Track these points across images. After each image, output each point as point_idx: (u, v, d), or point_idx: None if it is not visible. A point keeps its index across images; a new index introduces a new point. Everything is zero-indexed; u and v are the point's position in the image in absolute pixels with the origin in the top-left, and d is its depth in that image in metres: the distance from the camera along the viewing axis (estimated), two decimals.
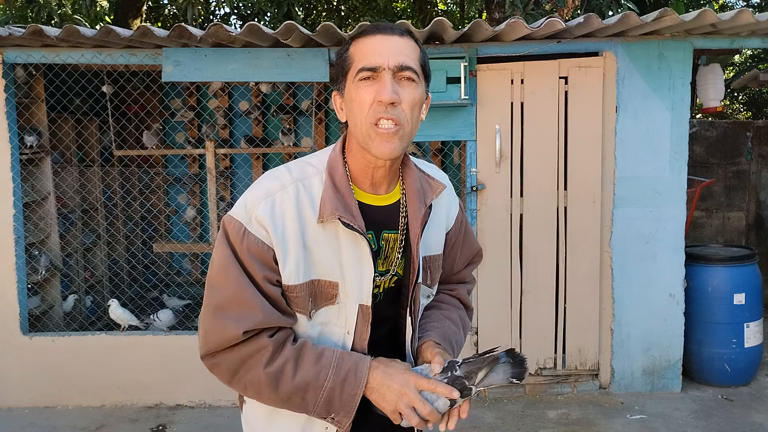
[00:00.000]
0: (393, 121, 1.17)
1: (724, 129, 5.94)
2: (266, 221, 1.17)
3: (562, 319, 4.00)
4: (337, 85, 1.25)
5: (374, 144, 1.18)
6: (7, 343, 3.94)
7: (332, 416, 1.20)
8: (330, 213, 1.19)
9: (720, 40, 3.80)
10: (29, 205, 4.27)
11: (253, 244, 1.17)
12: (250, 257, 1.17)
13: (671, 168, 3.88)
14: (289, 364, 1.18)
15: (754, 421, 3.63)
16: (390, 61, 1.16)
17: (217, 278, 1.20)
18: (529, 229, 3.95)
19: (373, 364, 1.21)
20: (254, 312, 1.17)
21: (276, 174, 1.24)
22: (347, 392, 1.18)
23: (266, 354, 1.17)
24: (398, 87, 1.17)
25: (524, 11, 5.73)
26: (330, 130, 5.62)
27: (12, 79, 3.88)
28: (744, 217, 6.00)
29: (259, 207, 1.18)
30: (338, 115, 1.27)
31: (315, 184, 1.23)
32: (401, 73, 1.17)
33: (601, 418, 3.68)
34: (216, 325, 1.18)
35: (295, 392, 1.18)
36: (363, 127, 1.18)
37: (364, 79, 1.17)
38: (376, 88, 1.16)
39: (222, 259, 1.19)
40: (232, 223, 1.19)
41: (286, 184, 1.21)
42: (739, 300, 4.00)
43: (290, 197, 1.20)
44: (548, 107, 3.86)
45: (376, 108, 1.16)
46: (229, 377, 1.21)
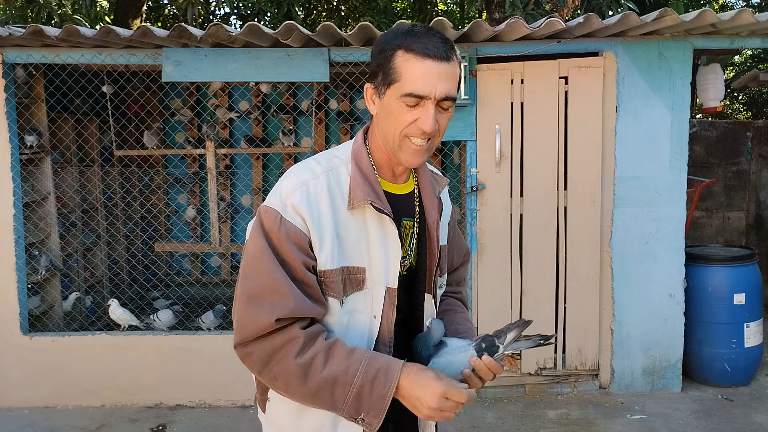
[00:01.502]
0: (426, 139, 1.24)
1: (724, 129, 5.94)
2: (302, 209, 1.21)
3: (562, 319, 4.00)
4: (374, 81, 1.26)
5: (404, 154, 1.26)
6: (7, 343, 3.94)
7: (362, 416, 1.19)
8: (361, 199, 1.24)
9: (720, 40, 3.80)
10: (29, 205, 4.27)
11: (291, 231, 1.20)
12: (288, 243, 1.20)
13: (671, 168, 3.88)
14: (320, 356, 1.18)
15: (754, 421, 3.63)
16: (437, 92, 1.19)
17: (251, 267, 1.22)
18: (529, 229, 3.95)
19: (404, 370, 1.21)
20: (287, 300, 1.18)
21: (306, 165, 1.29)
22: (377, 392, 1.18)
23: (298, 344, 1.18)
24: (438, 114, 1.22)
25: (524, 11, 5.73)
26: (330, 130, 5.62)
27: (12, 79, 3.88)
28: (744, 217, 6.00)
29: (295, 195, 1.22)
30: (369, 106, 1.30)
31: (342, 174, 1.28)
32: (443, 102, 1.22)
33: (601, 418, 3.68)
34: (250, 313, 1.20)
35: (323, 386, 1.18)
36: (396, 138, 1.24)
37: (408, 103, 1.21)
38: (418, 114, 1.21)
39: (257, 249, 1.21)
40: (268, 212, 1.22)
41: (318, 174, 1.26)
42: (739, 300, 4.00)
43: (323, 186, 1.24)
44: (548, 107, 3.86)
45: (414, 129, 1.22)
46: (260, 367, 1.21)
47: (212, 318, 4.17)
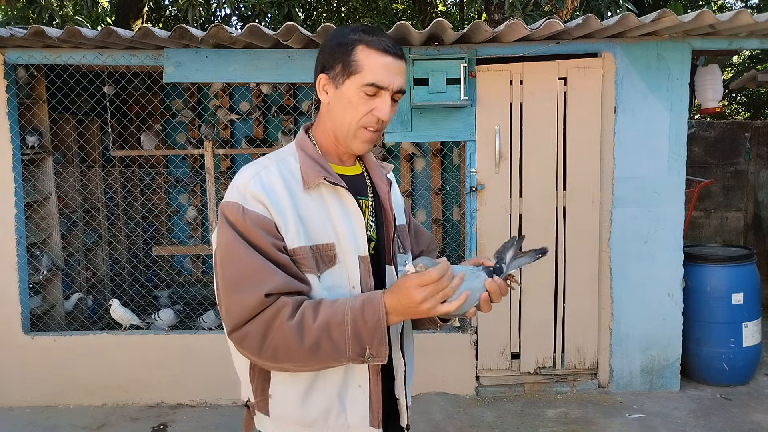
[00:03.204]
0: (378, 129, 1.35)
1: (722, 129, 5.96)
2: (261, 195, 1.25)
3: (561, 318, 4.02)
4: (330, 72, 1.33)
5: (356, 143, 1.35)
6: (9, 343, 3.95)
7: (368, 352, 1.22)
8: (314, 177, 1.31)
9: (718, 41, 3.82)
10: (31, 206, 4.29)
11: (255, 218, 1.24)
12: (255, 229, 1.23)
13: (670, 168, 3.90)
14: (308, 311, 1.22)
15: (752, 420, 3.65)
16: (394, 85, 1.31)
17: (226, 258, 1.24)
18: (529, 229, 3.96)
19: (385, 292, 1.26)
20: (271, 277, 1.22)
21: (255, 162, 1.36)
22: (371, 319, 1.21)
23: (287, 309, 1.21)
24: (391, 104, 1.33)
25: (523, 12, 5.75)
26: None
27: (14, 80, 3.90)
28: (742, 217, 6.02)
29: (251, 184, 1.27)
30: (320, 95, 1.36)
31: (291, 163, 1.35)
32: (396, 95, 1.34)
33: (599, 417, 3.70)
34: (236, 298, 1.22)
35: (320, 335, 1.20)
36: (351, 127, 1.33)
37: (369, 92, 1.30)
38: (376, 104, 1.31)
39: (227, 241, 1.24)
40: (230, 205, 1.26)
41: (268, 165, 1.33)
42: (738, 300, 4.02)
43: (275, 174, 1.30)
44: (547, 108, 3.88)
45: (370, 118, 1.32)
46: (258, 344, 1.22)
47: (213, 317, 4.19)
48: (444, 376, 4.02)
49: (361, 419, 1.33)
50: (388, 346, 1.24)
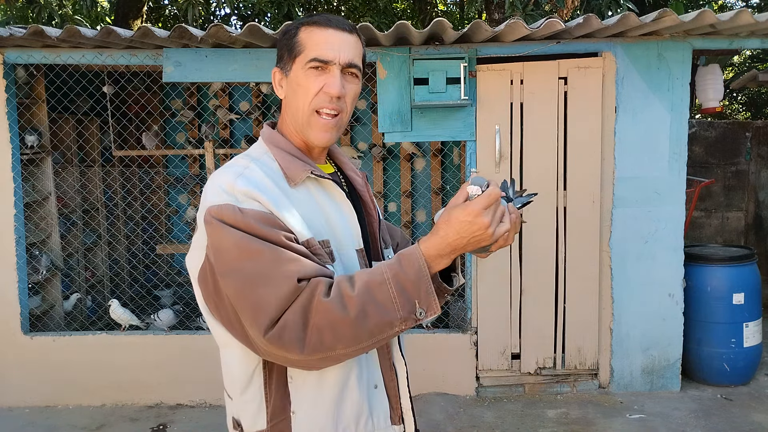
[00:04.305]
0: (335, 111, 1.25)
1: (723, 129, 5.95)
2: (254, 192, 1.15)
3: (562, 318, 4.01)
4: (281, 64, 1.29)
5: (313, 131, 1.26)
6: (8, 343, 3.95)
7: (418, 305, 1.11)
8: (300, 172, 1.23)
9: (719, 41, 3.81)
10: (30, 205, 4.28)
11: (255, 215, 1.13)
12: (261, 225, 1.12)
13: (670, 168, 3.89)
14: (344, 283, 1.11)
15: (753, 420, 3.64)
16: (341, 57, 1.23)
17: (240, 257, 1.11)
18: (529, 229, 3.96)
19: (419, 241, 1.17)
20: (298, 263, 1.11)
21: (229, 164, 1.25)
22: (412, 272, 1.11)
23: (322, 287, 1.10)
24: (344, 81, 1.24)
25: (524, 12, 5.74)
26: None
27: (13, 80, 3.89)
28: (743, 217, 6.01)
29: (238, 183, 1.15)
30: (276, 91, 1.31)
31: (268, 161, 1.25)
32: (348, 69, 1.25)
33: (600, 418, 3.69)
34: (265, 292, 1.09)
35: (365, 301, 1.09)
36: (305, 113, 1.25)
37: (314, 68, 1.23)
38: (325, 80, 1.23)
39: (234, 241, 1.11)
40: (222, 209, 1.13)
41: (247, 164, 1.22)
42: (738, 300, 4.01)
43: (258, 171, 1.20)
44: (548, 108, 3.87)
45: (322, 97, 1.23)
46: (301, 333, 1.08)
47: None
48: (444, 377, 4.01)
49: (384, 419, 1.28)
50: (436, 297, 1.13)
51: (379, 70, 3.81)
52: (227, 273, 1.12)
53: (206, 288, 1.19)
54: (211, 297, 1.18)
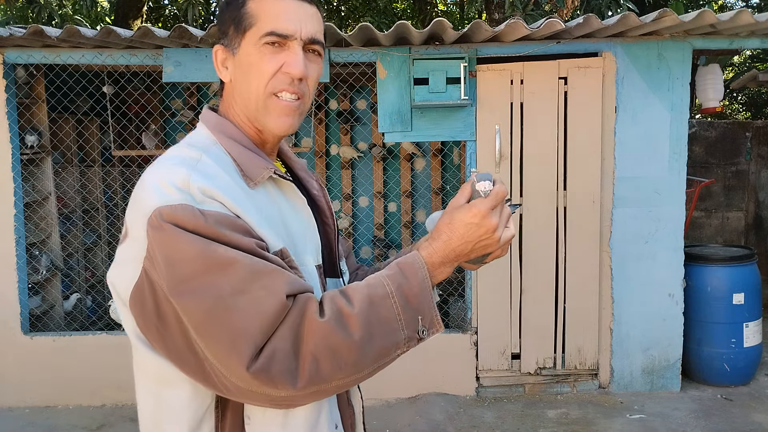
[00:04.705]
0: (297, 95, 1.05)
1: (723, 129, 5.95)
2: (213, 191, 0.93)
3: (562, 318, 4.01)
4: (224, 41, 1.07)
5: (272, 117, 1.05)
6: (8, 343, 3.95)
7: (420, 323, 0.96)
8: (261, 170, 1.02)
9: (719, 41, 3.81)
10: (30, 205, 4.28)
11: (219, 218, 0.91)
12: (228, 232, 0.90)
13: (670, 168, 3.89)
14: (338, 299, 0.93)
15: (753, 420, 3.64)
16: (303, 32, 1.03)
17: (210, 269, 0.88)
18: (529, 229, 3.96)
19: (418, 246, 1.04)
20: (283, 275, 0.91)
21: (173, 156, 1.01)
22: (416, 283, 0.96)
23: (314, 305, 0.91)
24: (306, 60, 1.04)
25: (524, 12, 5.74)
26: (330, 131, 5.63)
27: (13, 80, 3.89)
28: (743, 217, 6.01)
29: (194, 179, 0.92)
30: (219, 73, 1.09)
31: (218, 153, 1.02)
32: (311, 45, 1.05)
33: (600, 418, 3.69)
34: (246, 312, 0.87)
35: (369, 320, 0.91)
36: (259, 97, 1.03)
37: (270, 44, 1.02)
38: (284, 58, 1.02)
39: (199, 250, 0.88)
40: (176, 211, 0.89)
41: (197, 156, 0.99)
42: (739, 300, 4.01)
43: (213, 165, 0.98)
44: (548, 107, 3.87)
45: (281, 79, 1.03)
46: (292, 362, 0.88)
47: None
48: (444, 377, 4.01)
49: None
50: (438, 312, 0.99)
51: (379, 70, 3.81)
52: (188, 291, 0.88)
53: (144, 313, 0.94)
54: (151, 324, 0.94)
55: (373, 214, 5.58)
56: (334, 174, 5.63)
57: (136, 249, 0.94)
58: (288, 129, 1.06)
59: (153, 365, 0.99)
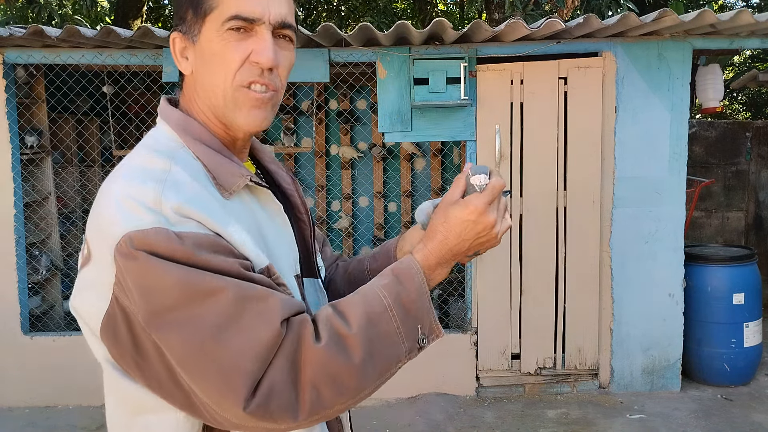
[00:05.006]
0: (268, 87, 0.94)
1: (723, 129, 5.95)
2: (188, 209, 0.83)
3: (562, 318, 4.01)
4: (182, 27, 0.95)
5: (242, 112, 0.94)
6: (8, 343, 3.94)
7: (421, 330, 0.90)
8: (236, 178, 0.92)
9: (719, 41, 3.81)
10: (30, 205, 4.28)
11: (198, 240, 0.81)
12: (211, 255, 0.82)
13: (670, 168, 3.89)
14: (333, 319, 0.87)
15: (753, 420, 3.64)
16: (272, 14, 0.92)
17: (192, 299, 0.80)
18: (529, 229, 3.96)
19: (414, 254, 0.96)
20: (273, 299, 0.83)
21: (138, 165, 0.89)
22: (414, 289, 0.91)
23: (308, 329, 0.84)
24: (276, 47, 0.94)
25: (524, 12, 5.74)
26: (330, 131, 5.63)
27: (13, 80, 3.89)
28: (743, 217, 6.01)
29: (166, 196, 0.82)
30: (178, 64, 0.97)
31: (186, 158, 0.91)
32: (282, 30, 0.94)
33: (600, 418, 3.69)
34: (238, 344, 0.80)
35: (369, 338, 0.85)
36: (226, 90, 0.92)
37: (235, 30, 0.91)
38: (251, 46, 0.91)
39: (178, 278, 0.79)
40: (149, 237, 0.79)
41: (168, 166, 0.87)
42: (739, 300, 4.01)
43: (185, 176, 0.87)
44: (548, 107, 3.87)
45: (250, 69, 0.92)
46: (293, 394, 0.82)
47: None
48: (444, 377, 4.01)
49: None
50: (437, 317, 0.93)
51: (379, 70, 3.81)
52: (168, 324, 0.80)
53: (117, 343, 0.85)
54: (127, 355, 0.85)
55: (373, 214, 5.58)
56: (334, 174, 5.63)
57: (103, 273, 0.84)
58: (260, 124, 0.95)
59: (130, 392, 0.88)
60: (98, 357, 0.91)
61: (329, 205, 5.61)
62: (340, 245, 5.55)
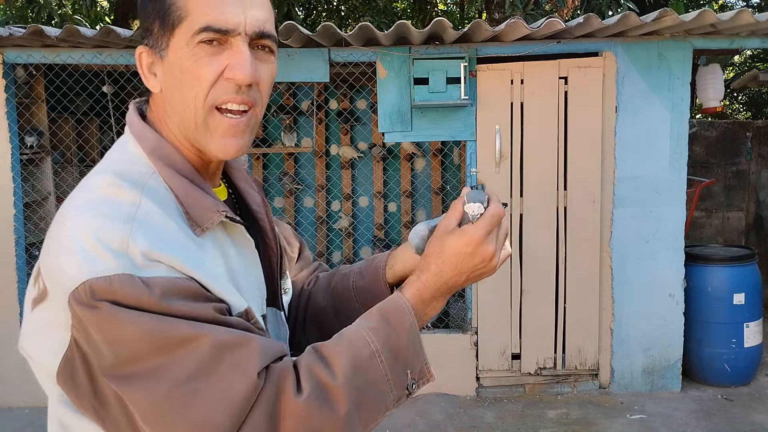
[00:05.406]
0: (247, 105, 0.84)
1: (723, 129, 5.94)
2: (157, 251, 0.74)
3: (562, 318, 4.01)
4: (149, 40, 0.85)
5: (214, 139, 0.84)
6: (8, 343, 3.93)
7: (409, 377, 0.84)
8: (210, 214, 0.83)
9: (720, 41, 3.81)
10: (30, 205, 4.28)
11: (167, 286, 0.74)
12: (182, 302, 0.74)
13: (671, 168, 3.89)
14: (315, 367, 0.79)
15: (753, 420, 3.64)
16: (248, 24, 0.82)
17: (161, 352, 0.72)
18: (529, 229, 3.95)
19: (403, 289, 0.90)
20: (250, 346, 0.76)
21: (97, 196, 0.78)
22: (404, 331, 0.84)
23: (290, 379, 0.77)
24: (255, 60, 0.84)
25: (524, 11, 5.74)
26: (330, 130, 5.63)
27: (12, 79, 3.89)
28: (744, 217, 6.01)
29: (133, 238, 0.73)
30: (146, 81, 0.87)
31: (159, 191, 0.82)
32: (260, 41, 0.84)
33: (600, 418, 3.69)
34: (210, 400, 0.73)
35: (357, 389, 0.79)
36: (198, 112, 0.83)
37: (207, 42, 0.81)
38: (226, 60, 0.81)
39: (146, 330, 0.72)
40: (113, 285, 0.72)
41: (136, 199, 0.78)
42: (739, 300, 4.01)
43: (155, 211, 0.78)
44: (548, 107, 3.87)
45: (224, 87, 0.82)
46: None
47: None
48: (444, 377, 4.00)
49: None
50: (428, 359, 0.87)
51: (379, 70, 3.81)
52: (133, 376, 0.73)
53: (76, 389, 0.78)
54: (84, 400, 0.78)
55: (373, 214, 5.58)
56: (334, 174, 5.62)
57: (58, 314, 0.76)
58: (235, 152, 0.86)
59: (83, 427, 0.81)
60: (49, 395, 0.84)
61: (329, 205, 5.61)
62: (340, 245, 5.55)
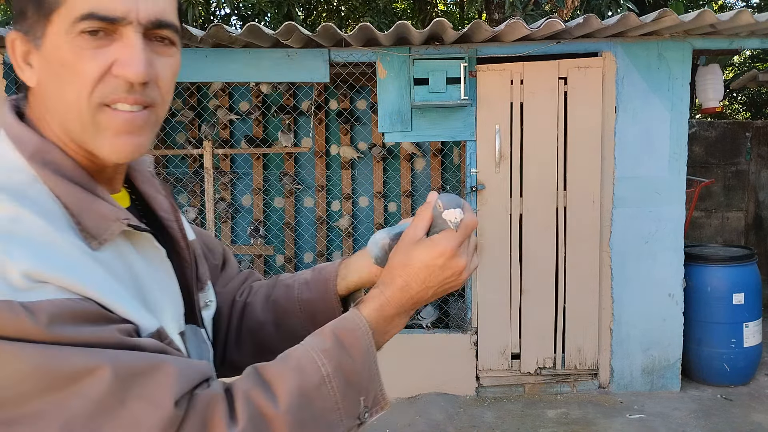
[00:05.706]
0: (141, 106, 0.72)
1: (723, 129, 5.95)
2: (41, 271, 0.62)
3: (562, 318, 4.01)
4: (23, 26, 0.71)
5: (107, 137, 0.71)
6: None
7: (362, 404, 0.78)
8: (108, 223, 0.71)
9: (719, 41, 3.81)
10: None
11: (57, 312, 0.61)
12: (74, 329, 0.62)
13: (670, 168, 3.89)
14: (255, 393, 0.69)
15: (753, 420, 3.64)
16: (141, 11, 0.69)
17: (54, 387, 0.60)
18: (529, 229, 3.96)
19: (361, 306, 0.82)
20: (164, 370, 0.64)
21: None
22: (359, 355, 0.76)
23: (219, 409, 0.66)
24: (151, 54, 0.72)
25: (524, 12, 5.74)
26: (330, 131, 5.63)
27: (13, 80, 3.89)
28: (743, 217, 6.01)
29: (11, 257, 0.61)
30: (21, 73, 0.74)
31: (41, 200, 0.68)
32: (158, 31, 0.72)
33: (600, 418, 3.69)
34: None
35: (301, 420, 0.70)
36: (82, 111, 0.70)
37: (91, 33, 0.68)
38: (114, 54, 0.69)
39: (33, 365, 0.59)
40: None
41: (12, 212, 0.64)
42: (738, 300, 4.01)
43: (36, 223, 0.65)
44: (548, 107, 3.87)
45: (112, 84, 0.69)
46: None
47: None
48: (444, 377, 4.01)
49: None
50: (383, 385, 0.80)
51: (379, 70, 3.81)
52: (21, 423, 0.60)
53: None
54: None
55: (373, 214, 5.58)
56: (334, 174, 5.63)
57: None
58: (132, 153, 0.72)
59: None
60: None
61: (329, 205, 5.61)
62: (340, 245, 5.55)
